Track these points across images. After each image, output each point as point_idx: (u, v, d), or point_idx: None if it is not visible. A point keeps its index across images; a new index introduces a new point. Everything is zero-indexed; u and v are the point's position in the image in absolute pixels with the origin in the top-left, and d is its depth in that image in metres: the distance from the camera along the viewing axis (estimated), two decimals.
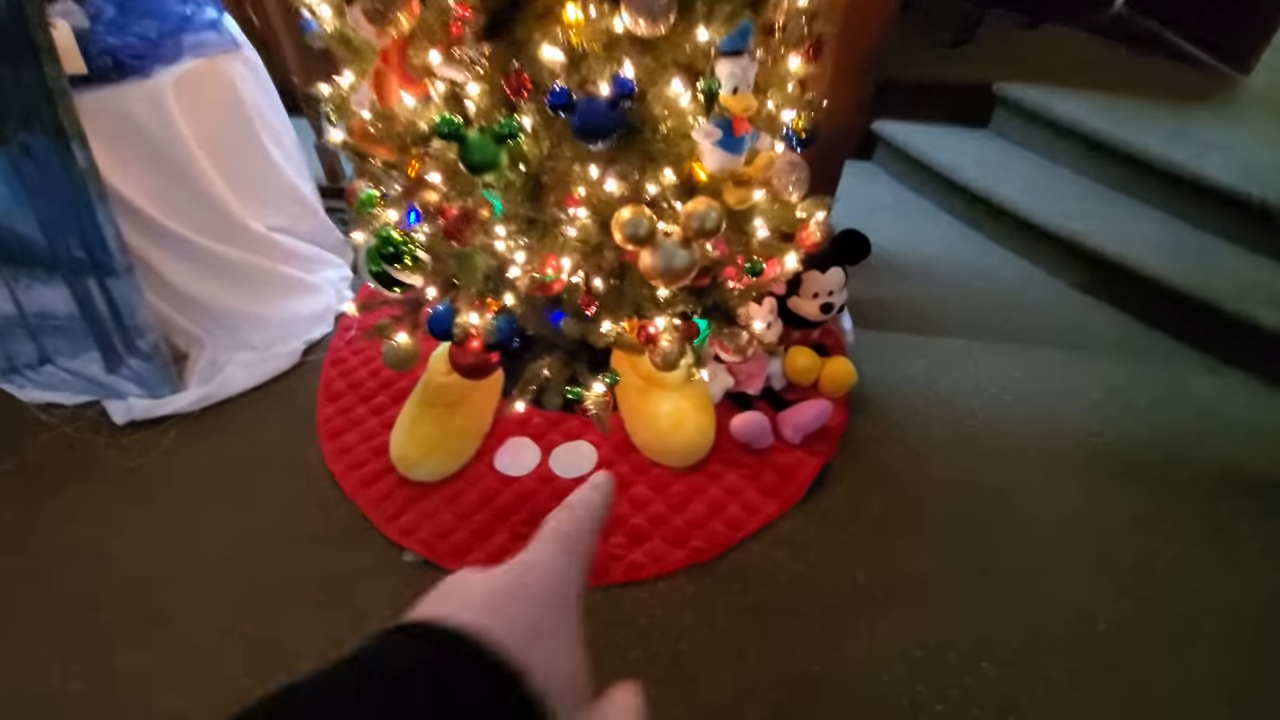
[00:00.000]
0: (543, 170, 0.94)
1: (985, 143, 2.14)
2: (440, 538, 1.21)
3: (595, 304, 1.03)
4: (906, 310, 1.75)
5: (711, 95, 0.86)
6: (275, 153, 1.51)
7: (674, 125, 0.96)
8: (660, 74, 0.86)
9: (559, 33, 0.85)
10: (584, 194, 0.98)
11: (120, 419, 1.41)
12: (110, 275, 1.30)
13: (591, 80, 0.82)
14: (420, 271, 1.09)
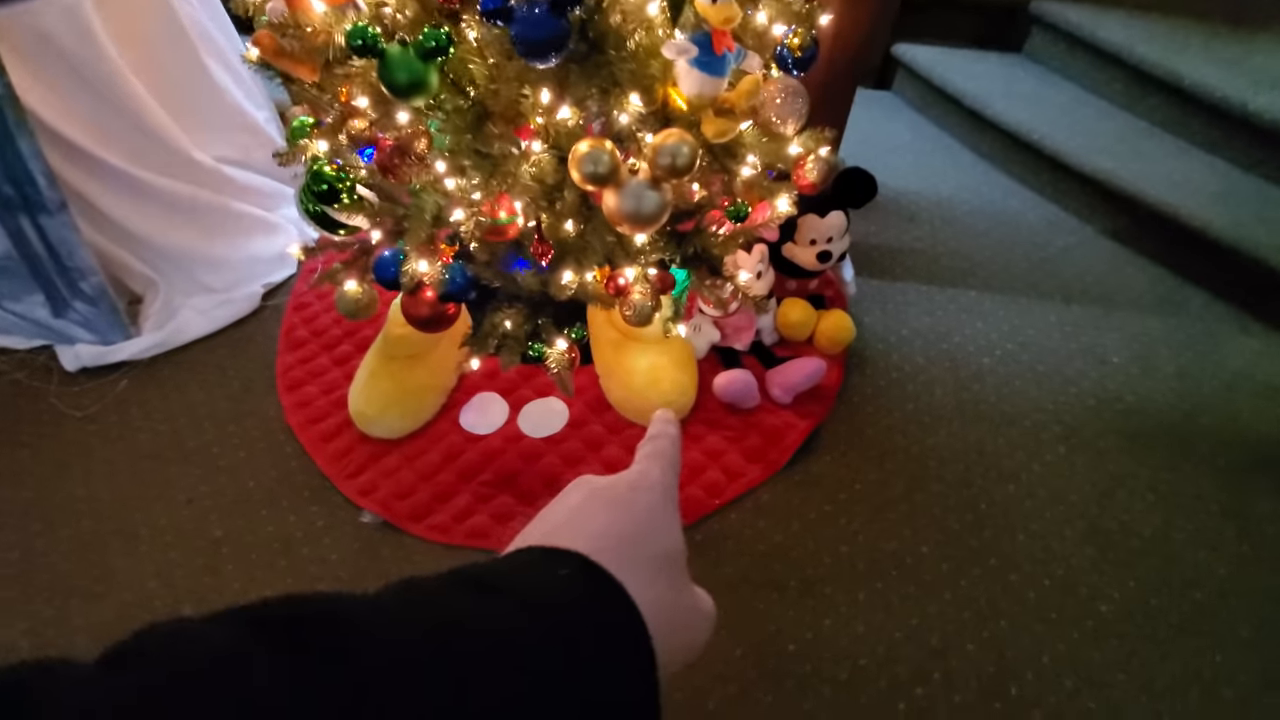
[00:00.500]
0: (487, 95, 0.80)
1: (1018, 70, 1.92)
2: (399, 498, 1.15)
3: (550, 252, 0.91)
4: (916, 258, 1.61)
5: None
6: (221, 75, 1.37)
7: (641, 41, 0.82)
8: None
9: None
10: (541, 124, 0.85)
11: (70, 366, 1.34)
12: (42, 212, 1.20)
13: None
14: (363, 212, 0.98)
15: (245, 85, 1.46)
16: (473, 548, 1.09)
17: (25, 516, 1.15)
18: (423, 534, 1.11)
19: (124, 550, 1.11)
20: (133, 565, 1.09)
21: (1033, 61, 1.95)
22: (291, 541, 1.12)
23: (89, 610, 1.04)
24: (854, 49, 1.52)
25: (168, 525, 1.14)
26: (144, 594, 1.06)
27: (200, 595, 1.05)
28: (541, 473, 1.17)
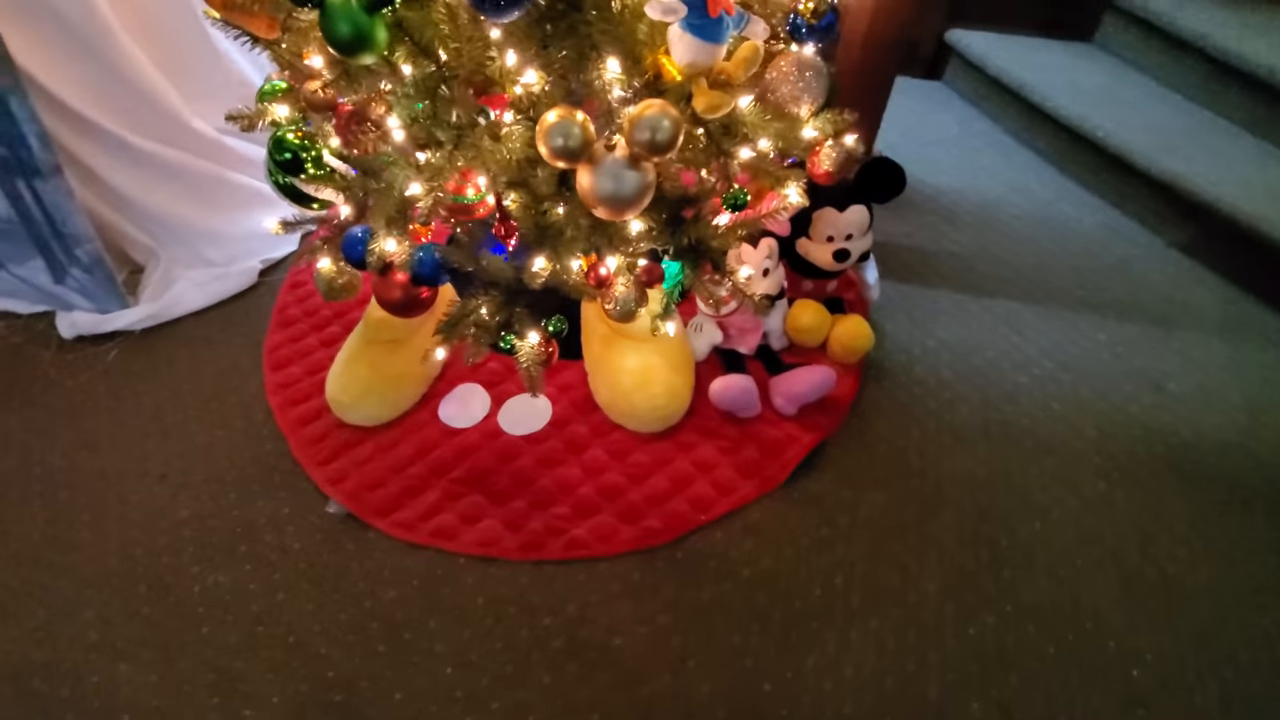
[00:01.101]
0: (450, 56, 0.73)
1: (1086, 61, 1.75)
2: (368, 489, 1.09)
3: (515, 234, 0.83)
4: (952, 263, 1.47)
5: None
6: (224, 42, 1.34)
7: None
8: None
9: None
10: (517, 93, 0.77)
11: (67, 333, 1.34)
12: (36, 176, 1.18)
13: None
14: (332, 185, 0.92)
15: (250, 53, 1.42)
16: (435, 548, 1.03)
17: (5, 484, 1.14)
18: (387, 529, 1.05)
19: (92, 524, 1.09)
20: (98, 541, 1.07)
21: (1104, 52, 1.77)
22: (255, 528, 1.07)
23: (48, 583, 1.02)
24: (897, 28, 1.39)
25: (138, 502, 1.11)
26: (103, 572, 1.03)
27: (157, 577, 1.02)
28: (516, 474, 1.10)
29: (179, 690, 0.91)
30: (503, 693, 0.90)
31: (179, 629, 0.97)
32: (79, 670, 0.93)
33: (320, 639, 0.95)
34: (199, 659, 0.94)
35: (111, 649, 0.95)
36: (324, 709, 0.89)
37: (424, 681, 0.91)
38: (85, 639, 0.96)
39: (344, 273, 1.02)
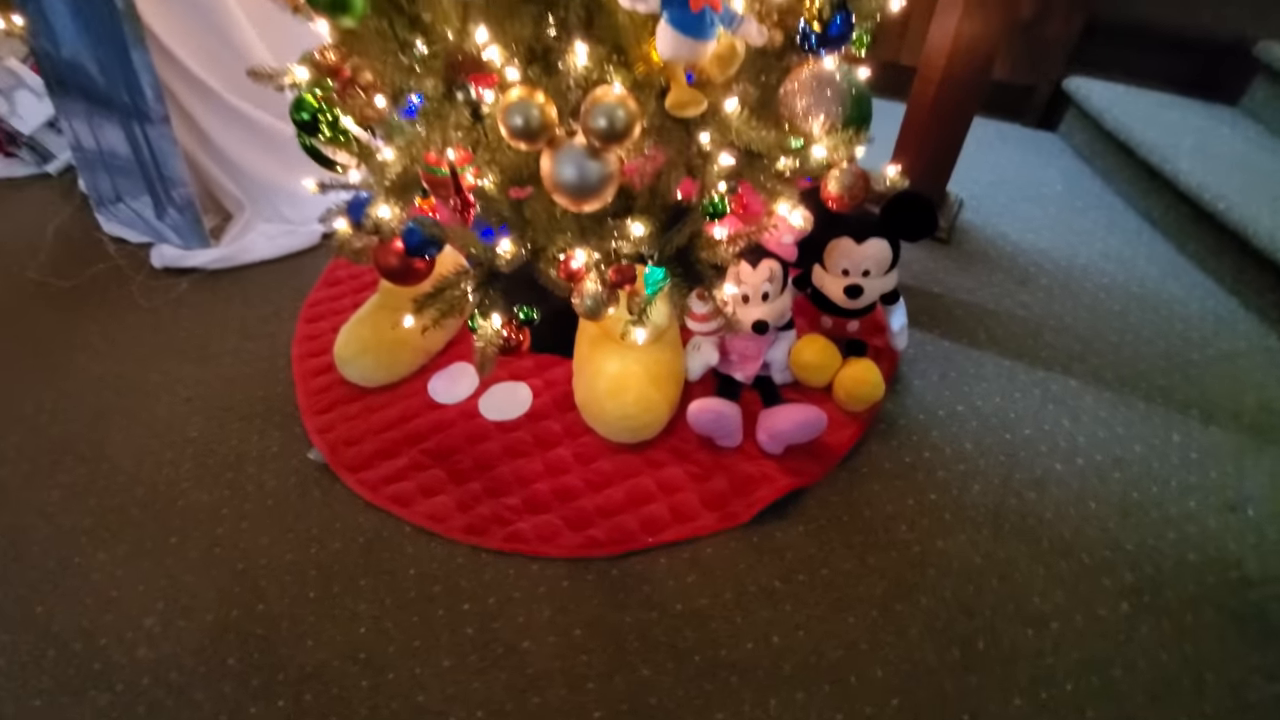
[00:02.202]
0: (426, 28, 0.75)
1: (1225, 125, 1.51)
2: (346, 444, 1.14)
3: (471, 209, 0.83)
4: (1011, 325, 1.31)
5: None
6: None
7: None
8: None
9: None
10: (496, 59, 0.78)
11: (156, 263, 1.52)
12: (148, 122, 1.36)
13: None
14: (346, 149, 0.98)
15: None
16: (388, 512, 1.05)
17: (68, 378, 1.31)
18: (352, 485, 1.09)
19: (121, 427, 1.22)
20: (121, 442, 1.19)
21: (1249, 118, 1.52)
22: (245, 459, 1.15)
23: (73, 469, 1.15)
24: (976, 71, 1.28)
25: (162, 416, 1.23)
26: (115, 469, 1.14)
27: (153, 484, 1.12)
28: (480, 456, 1.10)
29: (134, 588, 0.99)
30: (401, 665, 0.90)
31: (153, 534, 1.05)
32: (67, 548, 1.04)
33: (263, 573, 1.00)
34: (159, 565, 1.01)
35: (97, 537, 1.05)
36: (244, 638, 0.93)
37: (337, 635, 0.93)
38: (81, 524, 1.07)
39: (359, 236, 1.08)
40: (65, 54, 1.39)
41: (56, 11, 1.33)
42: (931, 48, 1.30)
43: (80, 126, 1.52)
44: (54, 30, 1.38)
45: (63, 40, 1.38)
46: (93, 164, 1.57)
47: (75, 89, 1.45)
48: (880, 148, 1.35)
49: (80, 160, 1.60)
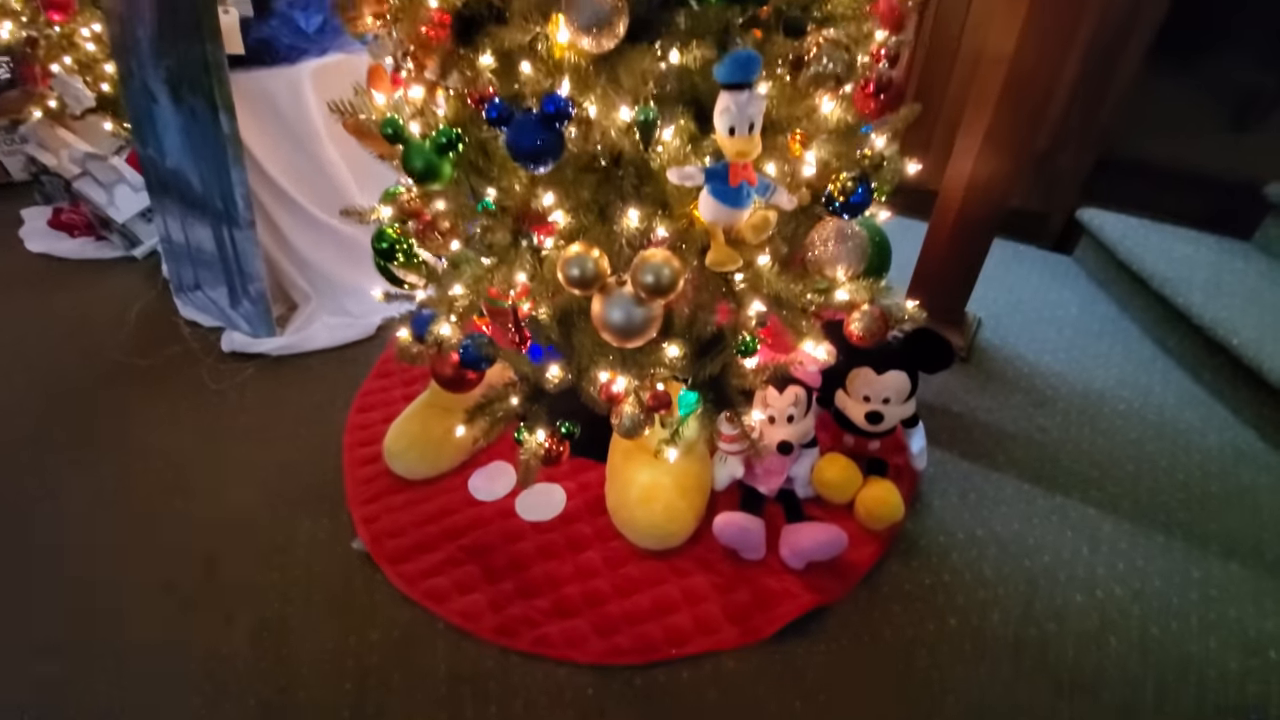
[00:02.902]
0: (500, 189, 0.87)
1: (1239, 260, 1.58)
2: (389, 536, 1.20)
3: (527, 341, 0.93)
4: (1030, 450, 1.35)
5: (647, 126, 0.72)
6: None
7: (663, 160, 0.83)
8: (617, 98, 0.74)
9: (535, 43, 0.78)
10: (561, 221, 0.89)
11: (225, 347, 1.65)
12: (236, 226, 1.52)
13: (527, 96, 0.74)
14: (416, 272, 1.09)
15: None
16: (424, 607, 1.10)
17: (138, 454, 1.41)
18: (392, 578, 1.15)
19: (182, 506, 1.30)
20: (176, 518, 1.27)
21: (1262, 253, 1.59)
22: (293, 544, 1.22)
23: (134, 544, 1.23)
24: (991, 208, 1.38)
25: (220, 495, 1.32)
26: (177, 544, 1.22)
27: (208, 560, 1.19)
28: (514, 556, 1.16)
29: (184, 665, 1.04)
30: None
31: (206, 613, 1.12)
32: (124, 621, 1.10)
33: (304, 659, 1.05)
34: (208, 646, 1.07)
35: (152, 612, 1.12)
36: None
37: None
38: (138, 600, 1.14)
39: (416, 344, 1.18)
40: (169, 164, 1.58)
41: (168, 129, 1.52)
42: (950, 180, 1.40)
43: (173, 223, 1.69)
44: (162, 144, 1.57)
45: (169, 152, 1.56)
46: (179, 255, 1.74)
47: (173, 192, 1.62)
48: (902, 265, 1.44)
49: (167, 250, 1.77)
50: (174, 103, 1.45)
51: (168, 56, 1.39)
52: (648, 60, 0.72)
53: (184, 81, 1.38)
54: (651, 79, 0.72)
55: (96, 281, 1.96)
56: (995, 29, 1.24)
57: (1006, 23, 1.21)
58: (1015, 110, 1.26)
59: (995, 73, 1.24)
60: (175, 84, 1.41)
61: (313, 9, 1.48)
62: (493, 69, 0.76)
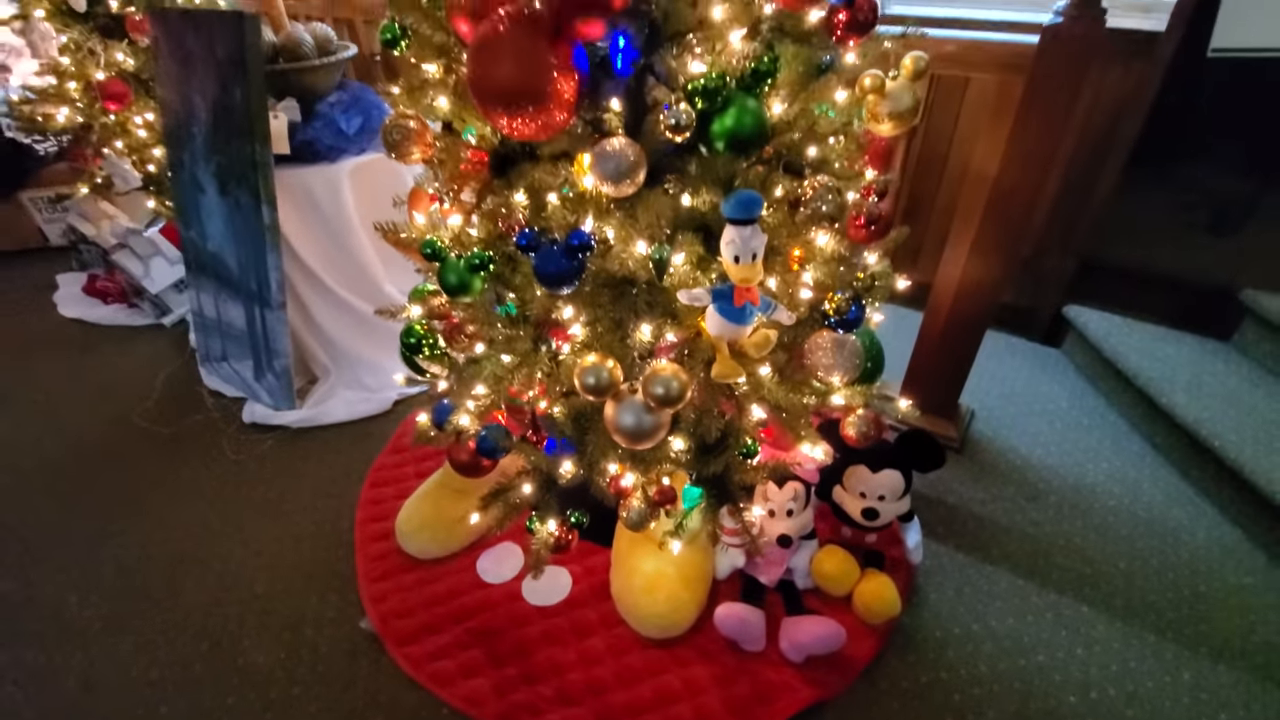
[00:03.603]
0: (523, 299, 0.95)
1: (1220, 361, 1.65)
2: (397, 616, 1.23)
3: (544, 439, 0.99)
4: (1025, 545, 1.39)
5: (660, 264, 0.80)
6: None
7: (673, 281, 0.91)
8: (634, 233, 0.82)
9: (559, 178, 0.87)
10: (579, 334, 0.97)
11: (247, 419, 1.71)
12: (268, 307, 1.61)
13: (553, 229, 0.83)
14: (440, 364, 1.17)
15: None
16: (430, 691, 1.12)
17: (158, 523, 1.45)
18: (399, 660, 1.17)
19: (197, 576, 1.34)
20: (194, 592, 1.31)
21: (1241, 355, 1.66)
22: (304, 620, 1.25)
23: (148, 617, 1.26)
24: (981, 308, 1.46)
25: (234, 569, 1.35)
26: (186, 620, 1.25)
27: (216, 640, 1.22)
28: (520, 641, 1.18)
29: None
30: None
31: (213, 693, 1.14)
32: (133, 700, 1.13)
33: None
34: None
35: (162, 690, 1.14)
36: None
37: None
38: (149, 675, 1.17)
39: (433, 428, 1.24)
40: (210, 247, 1.68)
41: (212, 216, 1.63)
42: (940, 283, 1.49)
43: (206, 299, 1.79)
44: (205, 229, 1.68)
45: (210, 236, 1.67)
46: (209, 328, 1.83)
47: (211, 272, 1.72)
48: (898, 355, 1.51)
49: (198, 323, 1.86)
50: (220, 194, 1.56)
51: (219, 154, 1.51)
52: (663, 202, 0.81)
53: (232, 177, 1.50)
54: (666, 219, 0.80)
55: (126, 348, 2.05)
56: (980, 150, 1.35)
57: (990, 145, 1.33)
58: (999, 224, 1.36)
59: (980, 190, 1.35)
60: (223, 178, 1.53)
61: (352, 112, 1.62)
62: (524, 206, 0.85)
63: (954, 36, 1.26)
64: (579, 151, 0.85)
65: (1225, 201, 1.89)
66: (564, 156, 0.86)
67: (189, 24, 1.46)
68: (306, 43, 1.53)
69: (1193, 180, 1.96)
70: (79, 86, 1.91)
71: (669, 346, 0.96)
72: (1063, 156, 1.66)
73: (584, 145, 0.83)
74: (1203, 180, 1.96)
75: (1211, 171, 1.97)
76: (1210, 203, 1.91)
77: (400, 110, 0.88)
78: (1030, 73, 1.19)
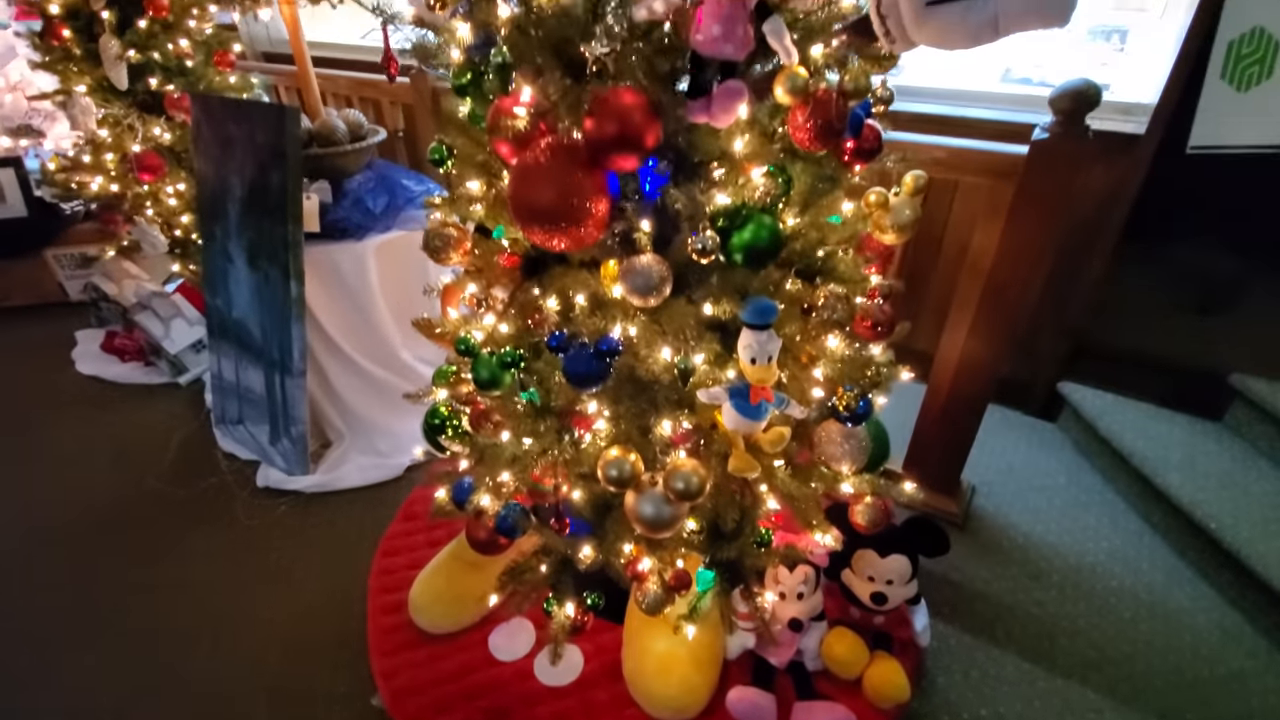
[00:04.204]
0: (551, 394, 1.00)
1: (1212, 441, 1.70)
2: (409, 693, 1.24)
3: (568, 526, 1.03)
4: (1029, 626, 1.41)
5: (686, 373, 0.86)
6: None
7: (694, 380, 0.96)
8: (657, 339, 0.88)
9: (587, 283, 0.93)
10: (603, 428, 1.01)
11: (261, 483, 1.74)
12: (288, 374, 1.65)
13: (584, 333, 0.88)
14: (461, 443, 1.21)
15: None
16: None
17: (169, 591, 1.46)
18: None
19: (207, 651, 1.35)
20: (205, 668, 1.31)
21: (1234, 435, 1.71)
22: (314, 696, 1.26)
23: (157, 702, 1.26)
24: (981, 378, 1.51)
25: (245, 642, 1.36)
26: (195, 704, 1.25)
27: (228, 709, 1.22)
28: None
29: None
30: None
31: None
32: None
33: None
34: None
35: None
36: None
37: None
38: None
39: (451, 505, 1.28)
40: (235, 314, 1.74)
41: (239, 286, 1.69)
42: (941, 361, 1.55)
43: (226, 363, 1.84)
44: (231, 297, 1.74)
45: (236, 305, 1.73)
46: (226, 391, 1.87)
47: (233, 338, 1.78)
48: (902, 426, 1.54)
49: (216, 386, 1.90)
50: (250, 266, 1.63)
51: (251, 230, 1.58)
52: (686, 312, 0.87)
53: (263, 253, 1.56)
54: (689, 329, 0.86)
55: (142, 406, 2.08)
56: (975, 243, 1.43)
57: (984, 240, 1.40)
58: (996, 311, 1.42)
59: (975, 281, 1.42)
60: (254, 252, 1.59)
61: (379, 191, 1.70)
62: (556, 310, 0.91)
63: (944, 144, 1.35)
64: (606, 259, 0.91)
65: (1211, 284, 1.98)
66: (592, 263, 0.92)
67: (231, 111, 1.55)
68: (340, 129, 1.62)
69: (1179, 264, 2.06)
70: (115, 158, 2.00)
71: (685, 434, 1.00)
72: (1054, 245, 1.75)
73: (611, 254, 0.90)
74: (1188, 264, 2.05)
75: (1196, 255, 2.07)
76: (1197, 286, 2.00)
77: (442, 219, 0.95)
78: (1020, 182, 1.27)
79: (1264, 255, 1.96)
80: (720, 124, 0.76)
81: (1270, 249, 1.96)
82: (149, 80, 1.96)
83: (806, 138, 0.78)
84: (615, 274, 0.90)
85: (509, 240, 0.98)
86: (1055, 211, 1.32)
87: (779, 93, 0.74)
